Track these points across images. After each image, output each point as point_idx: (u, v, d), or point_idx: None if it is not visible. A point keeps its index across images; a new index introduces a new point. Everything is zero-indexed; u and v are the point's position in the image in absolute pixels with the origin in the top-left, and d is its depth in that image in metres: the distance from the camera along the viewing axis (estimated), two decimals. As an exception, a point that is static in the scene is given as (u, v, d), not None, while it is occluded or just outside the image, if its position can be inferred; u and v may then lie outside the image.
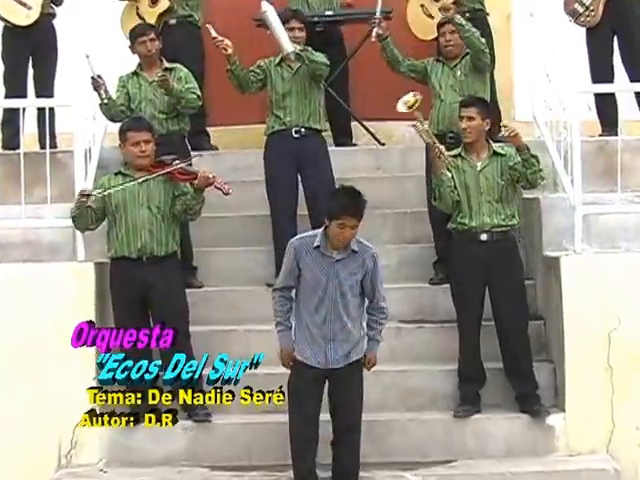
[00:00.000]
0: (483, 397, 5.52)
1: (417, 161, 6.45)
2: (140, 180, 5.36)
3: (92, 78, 5.95)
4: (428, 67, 6.26)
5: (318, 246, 4.81)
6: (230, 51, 5.95)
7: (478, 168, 5.49)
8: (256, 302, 5.71)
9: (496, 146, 5.53)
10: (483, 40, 6.09)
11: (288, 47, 6.00)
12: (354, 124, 7.38)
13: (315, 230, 4.93)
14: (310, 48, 6.13)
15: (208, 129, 7.14)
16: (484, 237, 5.42)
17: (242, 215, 6.28)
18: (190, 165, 5.46)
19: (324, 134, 6.31)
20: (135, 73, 6.23)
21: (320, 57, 6.12)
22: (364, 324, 5.00)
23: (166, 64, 6.22)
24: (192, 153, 5.93)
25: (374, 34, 6.22)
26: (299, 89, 6.12)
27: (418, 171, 6.44)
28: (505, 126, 5.32)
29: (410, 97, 5.42)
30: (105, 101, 6.04)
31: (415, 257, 6.26)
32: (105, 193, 5.37)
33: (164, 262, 5.41)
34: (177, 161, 5.42)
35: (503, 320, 5.44)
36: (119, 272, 5.45)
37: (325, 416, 4.97)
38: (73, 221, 5.47)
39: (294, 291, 4.95)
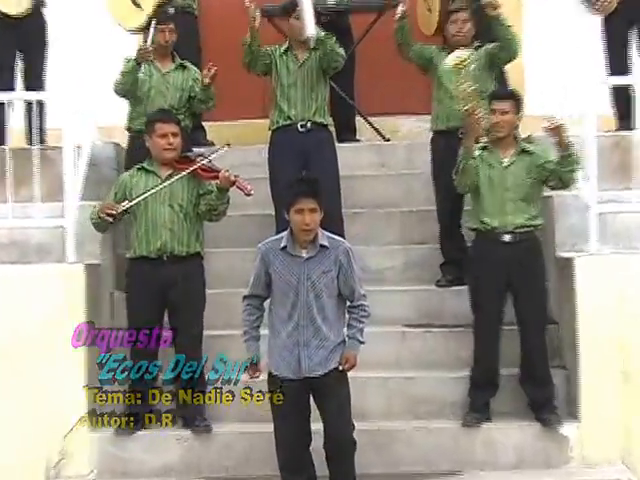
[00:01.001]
0: (493, 405, 5.50)
1: (424, 158, 6.42)
2: (166, 184, 5.33)
3: (144, 49, 5.97)
4: (433, 57, 6.17)
5: (285, 247, 4.76)
6: (257, 23, 5.91)
7: (505, 164, 5.45)
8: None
9: (524, 144, 5.50)
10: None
11: (311, 29, 5.91)
12: (358, 119, 7.34)
13: (282, 232, 4.88)
14: (334, 37, 6.08)
15: (204, 124, 7.11)
16: (507, 238, 5.38)
17: (241, 215, 6.23)
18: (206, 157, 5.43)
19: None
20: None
21: (340, 49, 6.09)
22: (346, 328, 4.90)
23: (179, 60, 6.24)
24: (216, 146, 5.90)
25: (399, 12, 6.09)
26: (305, 81, 6.09)
27: (425, 168, 6.41)
28: (551, 118, 5.29)
29: (465, 54, 5.44)
30: (142, 75, 6.05)
31: (421, 258, 6.23)
32: (132, 204, 5.35)
33: (185, 262, 5.38)
34: (200, 157, 5.41)
35: (524, 324, 5.42)
36: (137, 272, 5.43)
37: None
38: (93, 226, 5.47)
39: (268, 302, 4.89)
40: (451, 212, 6.01)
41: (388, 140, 7.25)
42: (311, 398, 4.89)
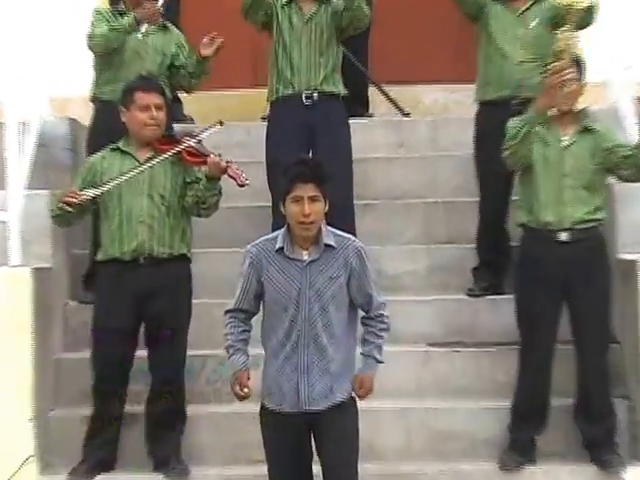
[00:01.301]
0: (539, 443, 5.44)
1: (452, 136, 6.51)
2: (143, 168, 5.24)
3: (154, 9, 6.00)
4: (487, 4, 6.06)
5: (281, 248, 4.61)
6: None
7: (564, 143, 5.41)
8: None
9: (588, 120, 5.46)
10: None
11: None
12: (371, 89, 7.31)
13: (277, 231, 4.74)
14: None
15: (180, 95, 6.96)
16: (564, 237, 5.35)
17: (229, 207, 6.07)
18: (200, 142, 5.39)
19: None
20: (121, 14, 6.10)
21: (367, 6, 6.05)
22: (358, 348, 4.75)
23: (161, 19, 6.20)
24: (206, 123, 5.86)
25: None
26: (312, 40, 6.01)
27: (453, 149, 6.44)
28: None
29: None
30: (140, 37, 6.01)
31: (449, 261, 6.19)
32: (98, 192, 5.27)
33: (167, 267, 5.34)
34: (188, 137, 5.37)
35: (583, 342, 5.39)
36: (107, 279, 5.37)
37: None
38: (52, 218, 5.42)
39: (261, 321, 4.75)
40: (498, 203, 5.96)
41: (408, 115, 7.21)
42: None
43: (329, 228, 4.67)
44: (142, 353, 5.39)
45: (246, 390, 4.65)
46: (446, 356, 5.75)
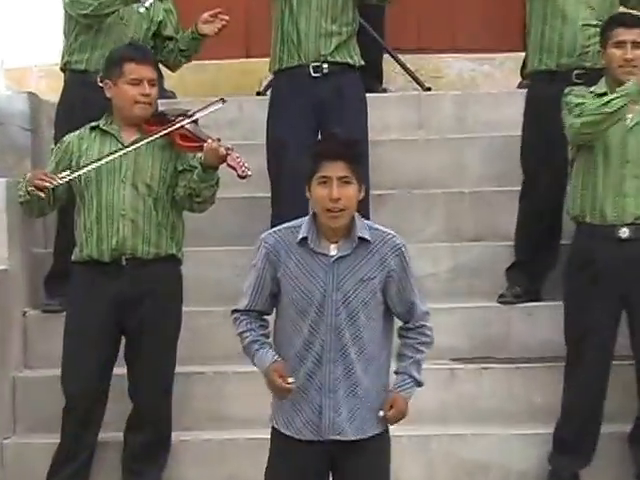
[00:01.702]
0: (585, 475, 5.37)
1: (480, 114, 6.49)
2: (128, 150, 5.18)
3: None
4: None
5: (305, 238, 4.38)
6: None
7: (628, 123, 5.31)
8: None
9: None
10: None
11: None
12: (385, 59, 7.27)
13: (300, 219, 4.53)
14: None
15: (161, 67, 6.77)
16: (625, 233, 5.29)
17: (216, 198, 5.92)
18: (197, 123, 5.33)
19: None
20: None
21: None
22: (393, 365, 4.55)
23: None
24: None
25: None
26: (324, 3, 5.98)
27: (482, 130, 6.42)
28: None
29: None
30: (143, 10, 6.02)
31: (477, 261, 6.16)
32: (75, 176, 5.19)
33: (153, 268, 5.28)
34: (182, 117, 5.33)
35: None
36: (82, 283, 5.32)
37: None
38: (21, 205, 5.36)
39: (271, 325, 4.60)
40: (544, 191, 5.89)
41: (429, 89, 7.16)
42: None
43: (364, 220, 4.49)
44: (122, 370, 5.32)
45: (291, 380, 4.40)
46: (474, 374, 5.72)
